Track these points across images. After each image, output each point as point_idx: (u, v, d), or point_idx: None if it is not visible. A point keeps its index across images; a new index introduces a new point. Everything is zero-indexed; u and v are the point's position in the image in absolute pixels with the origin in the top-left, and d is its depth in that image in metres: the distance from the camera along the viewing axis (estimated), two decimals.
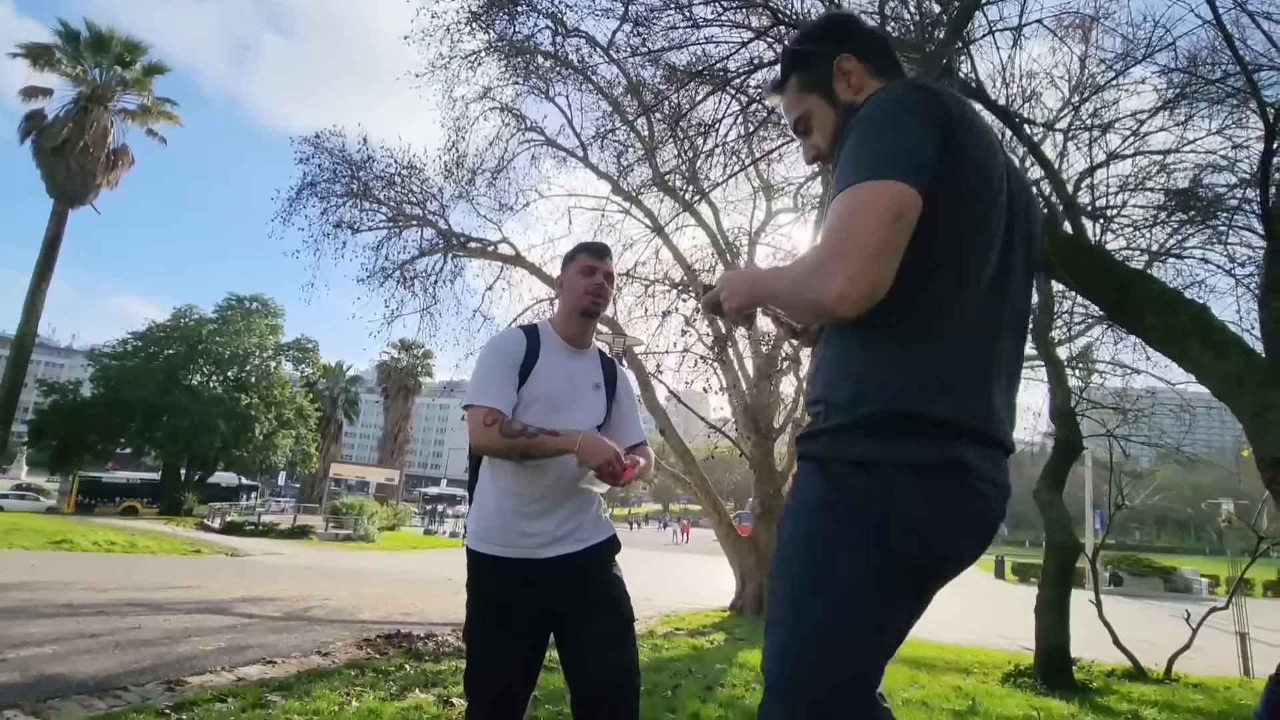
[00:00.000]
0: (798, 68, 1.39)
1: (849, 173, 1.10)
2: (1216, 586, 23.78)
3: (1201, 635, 6.97)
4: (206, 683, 4.29)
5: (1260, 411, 3.49)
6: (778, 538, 1.20)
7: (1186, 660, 6.81)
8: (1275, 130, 4.20)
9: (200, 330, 35.77)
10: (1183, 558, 36.91)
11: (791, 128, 1.43)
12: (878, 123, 1.14)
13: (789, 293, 1.16)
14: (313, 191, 11.57)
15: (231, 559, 16.63)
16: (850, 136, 1.16)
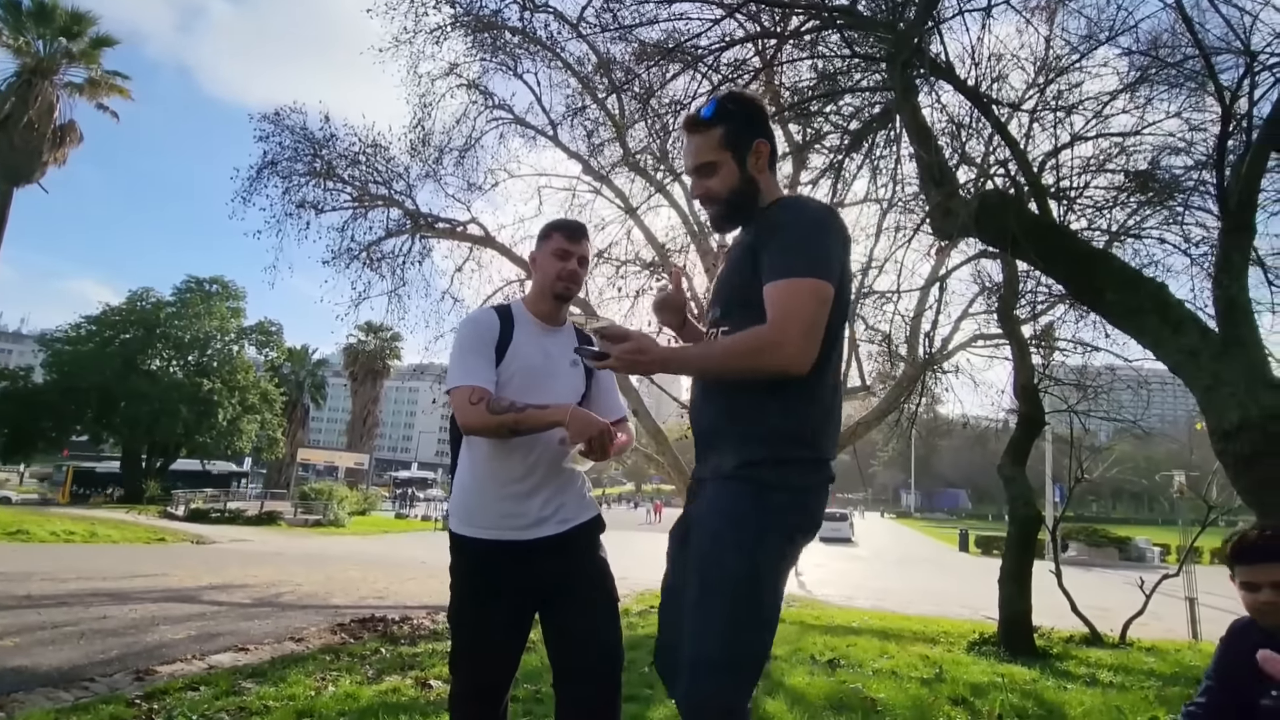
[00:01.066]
0: (726, 123, 1.65)
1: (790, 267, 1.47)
2: (1168, 555, 24.78)
3: (1154, 601, 7.27)
4: (177, 671, 4.23)
5: (1213, 385, 3.61)
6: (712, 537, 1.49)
7: (1140, 625, 7.11)
8: (1232, 113, 4.30)
9: (158, 314, 34.75)
10: (1137, 527, 38.32)
11: (694, 166, 1.67)
12: (809, 233, 1.53)
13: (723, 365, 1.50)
14: (274, 170, 11.24)
15: (197, 546, 16.32)
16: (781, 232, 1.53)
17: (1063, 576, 7.24)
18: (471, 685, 1.97)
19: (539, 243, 2.11)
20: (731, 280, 1.62)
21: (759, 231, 1.58)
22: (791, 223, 1.54)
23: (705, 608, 1.43)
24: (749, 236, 1.64)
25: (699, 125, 1.66)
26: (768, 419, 1.52)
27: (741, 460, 1.51)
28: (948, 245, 8.27)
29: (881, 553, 26.25)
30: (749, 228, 1.67)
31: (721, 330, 1.60)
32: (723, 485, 1.52)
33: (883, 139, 6.79)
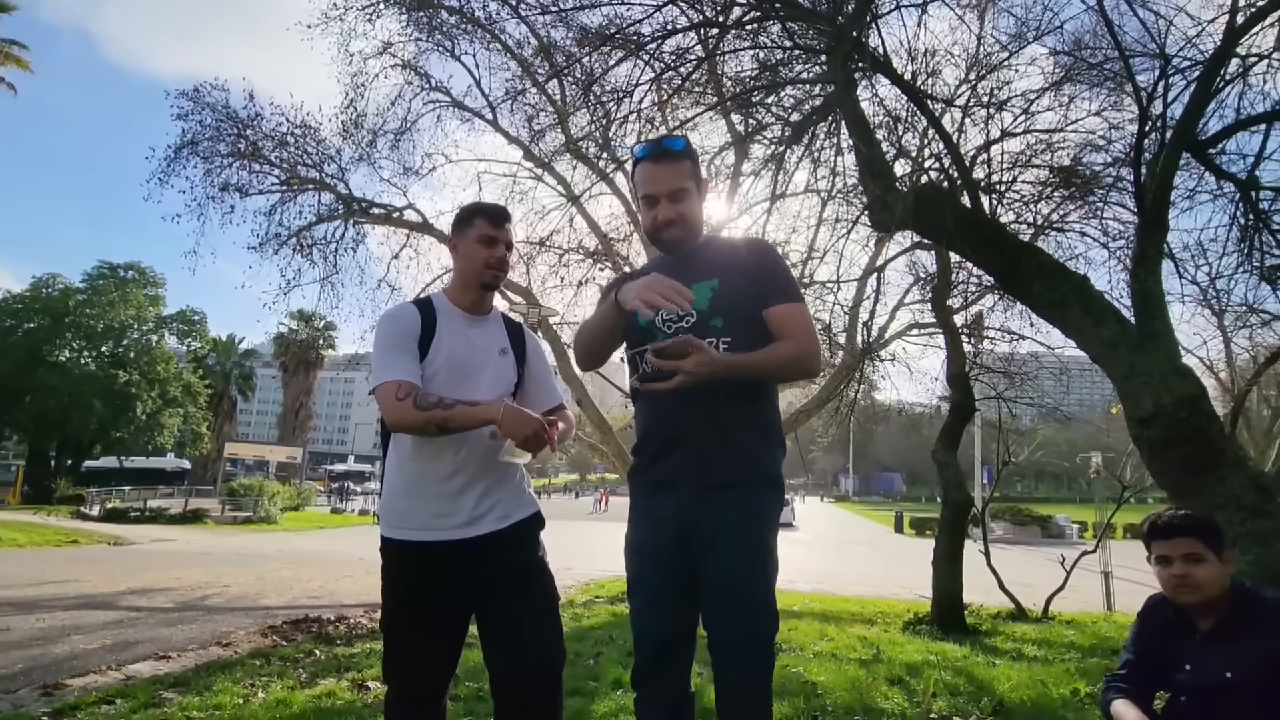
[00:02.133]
0: (692, 159, 1.90)
1: (798, 294, 1.85)
2: (1086, 531, 26.31)
3: (1073, 575, 7.68)
4: (90, 684, 3.97)
5: (1130, 374, 3.80)
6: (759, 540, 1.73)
7: (1061, 600, 7.50)
8: (1148, 114, 4.51)
9: (66, 301, 32.58)
10: (1058, 506, 40.60)
11: (669, 190, 1.83)
12: (789, 269, 1.97)
13: (784, 367, 1.78)
14: (194, 151, 10.64)
15: (115, 548, 15.43)
16: (779, 268, 1.87)
17: (991, 556, 7.57)
18: (406, 690, 1.91)
19: (458, 229, 2.01)
20: (737, 300, 1.79)
21: (755, 267, 1.83)
22: (779, 257, 1.94)
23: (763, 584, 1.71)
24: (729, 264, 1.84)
25: (672, 155, 1.85)
26: (774, 427, 1.85)
27: (762, 466, 1.78)
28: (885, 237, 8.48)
29: (822, 537, 26.97)
30: (692, 257, 1.87)
31: (724, 340, 1.76)
32: (749, 492, 1.74)
33: (823, 131, 6.88)
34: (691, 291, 1.68)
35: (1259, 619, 1.84)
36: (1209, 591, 1.88)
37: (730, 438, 1.75)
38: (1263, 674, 1.76)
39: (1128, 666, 2.10)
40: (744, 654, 1.68)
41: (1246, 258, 5.22)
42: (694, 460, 1.74)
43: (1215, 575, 1.88)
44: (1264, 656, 1.78)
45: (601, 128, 8.74)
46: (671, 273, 1.75)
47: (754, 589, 1.69)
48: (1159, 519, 1.99)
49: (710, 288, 1.79)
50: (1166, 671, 1.98)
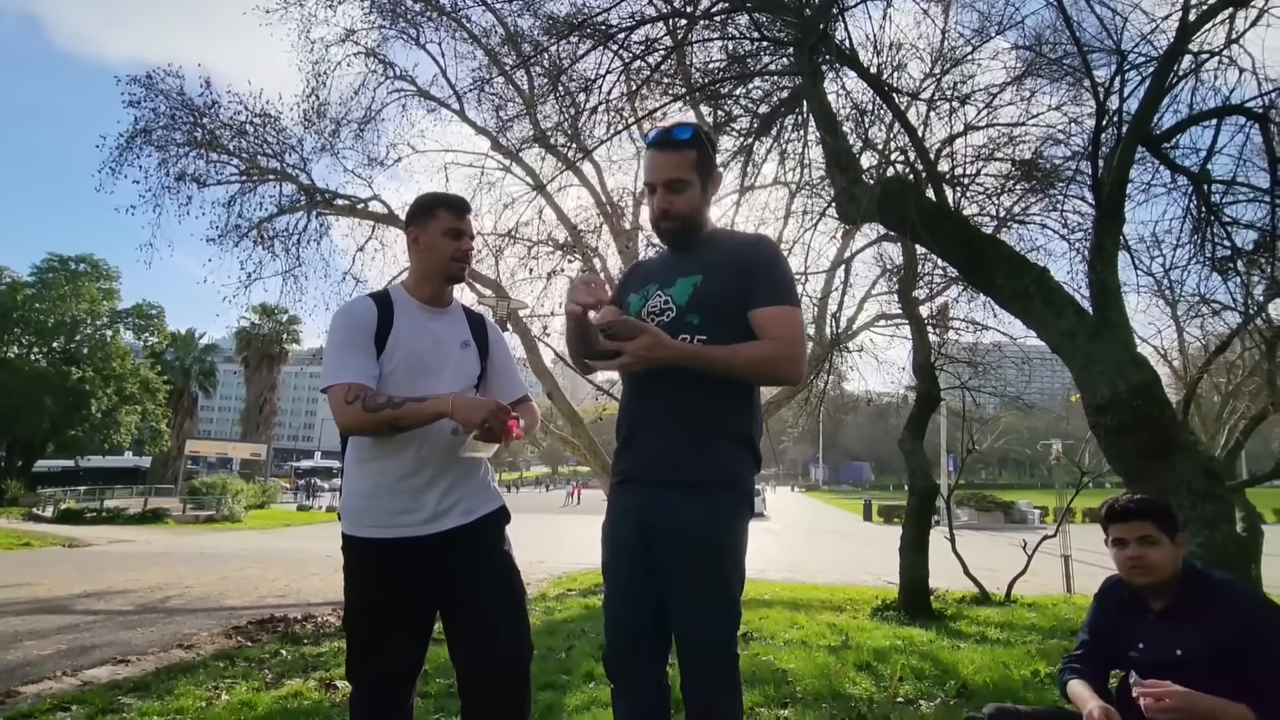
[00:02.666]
0: (699, 149, 1.81)
1: (786, 297, 1.76)
2: (1046, 515, 27.05)
3: (1034, 560, 7.89)
4: (45, 690, 3.85)
5: (1087, 363, 3.89)
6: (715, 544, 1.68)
7: (1022, 583, 7.71)
8: (1105, 108, 4.62)
9: (14, 295, 31.37)
10: (1020, 492, 41.66)
11: (665, 180, 1.79)
12: (788, 270, 1.86)
13: (752, 367, 1.71)
14: (147, 139, 10.28)
15: (70, 550, 14.97)
16: (772, 266, 1.79)
17: (956, 542, 7.73)
18: (370, 689, 1.89)
19: (418, 220, 1.95)
20: (716, 297, 1.75)
21: (742, 267, 1.76)
22: (776, 257, 1.84)
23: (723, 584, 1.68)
24: (719, 260, 1.78)
25: (674, 144, 1.79)
26: (743, 429, 1.76)
27: (724, 466, 1.72)
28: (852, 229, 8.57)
29: (792, 525, 27.32)
30: (690, 251, 1.83)
31: (699, 337, 1.73)
32: (707, 493, 1.70)
33: (791, 123, 6.91)
34: (675, 287, 1.76)
35: (1209, 600, 1.91)
36: (1161, 573, 1.95)
37: (691, 435, 1.70)
38: (1210, 653, 1.83)
39: (1084, 647, 2.17)
40: (701, 658, 1.67)
41: (1199, 249, 5.38)
42: (652, 455, 1.74)
43: (1167, 557, 1.95)
44: (1212, 637, 1.85)
45: (570, 118, 8.68)
46: (667, 265, 1.84)
47: (706, 595, 1.66)
48: (1116, 503, 2.05)
49: (692, 283, 1.77)
50: (1121, 650, 2.06)
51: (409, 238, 1.98)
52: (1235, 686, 1.73)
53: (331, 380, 1.80)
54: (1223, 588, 1.95)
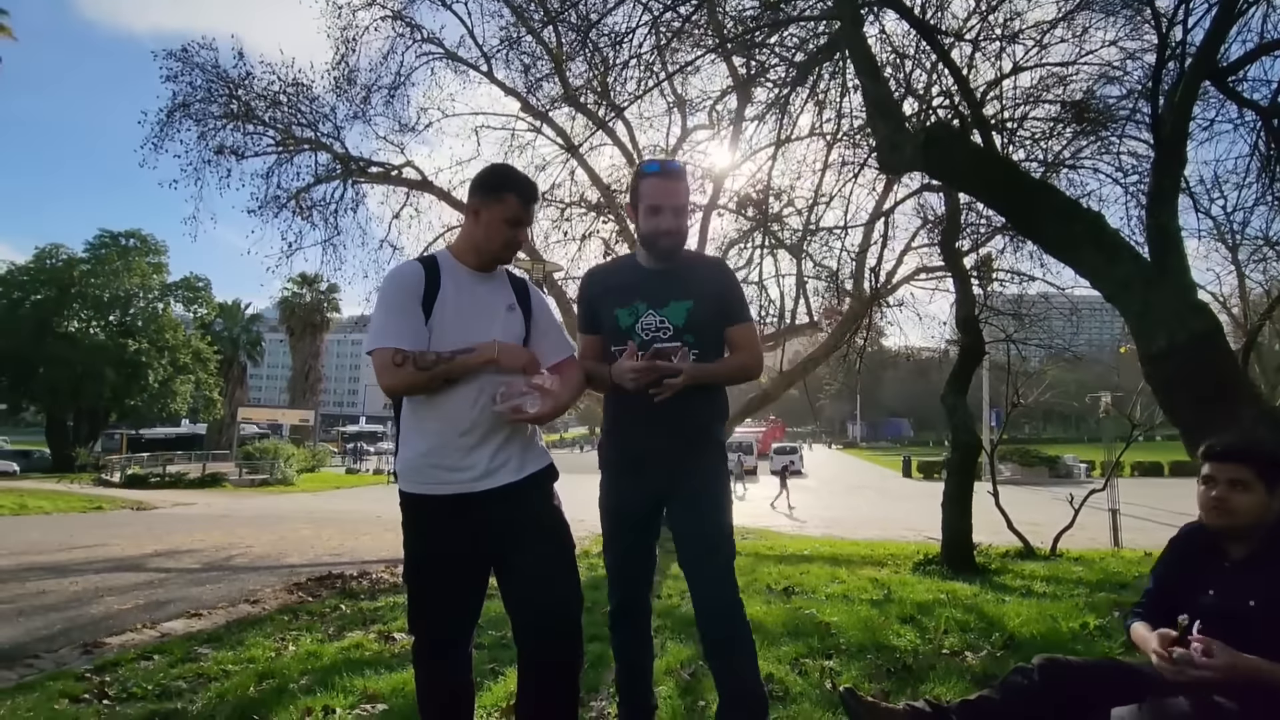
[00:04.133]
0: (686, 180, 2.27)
1: (745, 315, 2.27)
2: (1093, 470, 26.52)
3: (1081, 514, 7.77)
4: (128, 642, 4.11)
5: (1144, 311, 3.75)
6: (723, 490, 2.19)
7: (1069, 538, 7.61)
8: (1167, 41, 4.36)
9: (71, 271, 32.61)
10: (1065, 446, 40.76)
11: (676, 206, 2.13)
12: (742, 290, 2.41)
13: (738, 375, 2.32)
14: (186, 114, 10.45)
15: (138, 513, 15.80)
16: (737, 288, 2.30)
17: (999, 497, 7.65)
18: (431, 641, 1.97)
19: (487, 196, 1.94)
20: (705, 321, 2.15)
21: (722, 294, 2.19)
22: (737, 280, 2.37)
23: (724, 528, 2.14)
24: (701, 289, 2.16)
25: (679, 174, 2.20)
26: (723, 405, 2.29)
27: (715, 434, 2.21)
28: (894, 179, 8.32)
29: (830, 482, 27.32)
30: (671, 270, 2.18)
31: (694, 352, 2.11)
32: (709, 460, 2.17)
33: (828, 71, 6.69)
34: (668, 309, 2.13)
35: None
36: (1241, 520, 1.84)
37: (692, 421, 2.12)
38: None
39: (1148, 595, 2.09)
40: (720, 587, 2.08)
41: (1267, 188, 5.11)
42: (665, 438, 2.10)
43: (1255, 505, 1.83)
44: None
45: (600, 75, 8.53)
46: (650, 285, 2.15)
47: (720, 535, 2.12)
48: (1223, 439, 1.95)
49: (686, 308, 2.13)
50: (1191, 597, 1.93)
51: (470, 207, 1.98)
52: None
53: (376, 344, 1.84)
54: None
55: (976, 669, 3.00)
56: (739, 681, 2.03)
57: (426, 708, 1.99)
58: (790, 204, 9.55)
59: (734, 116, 8.66)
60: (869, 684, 2.84)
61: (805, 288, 10.57)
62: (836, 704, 2.62)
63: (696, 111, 10.02)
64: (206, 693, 3.00)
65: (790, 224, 9.78)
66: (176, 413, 36.84)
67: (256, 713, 2.71)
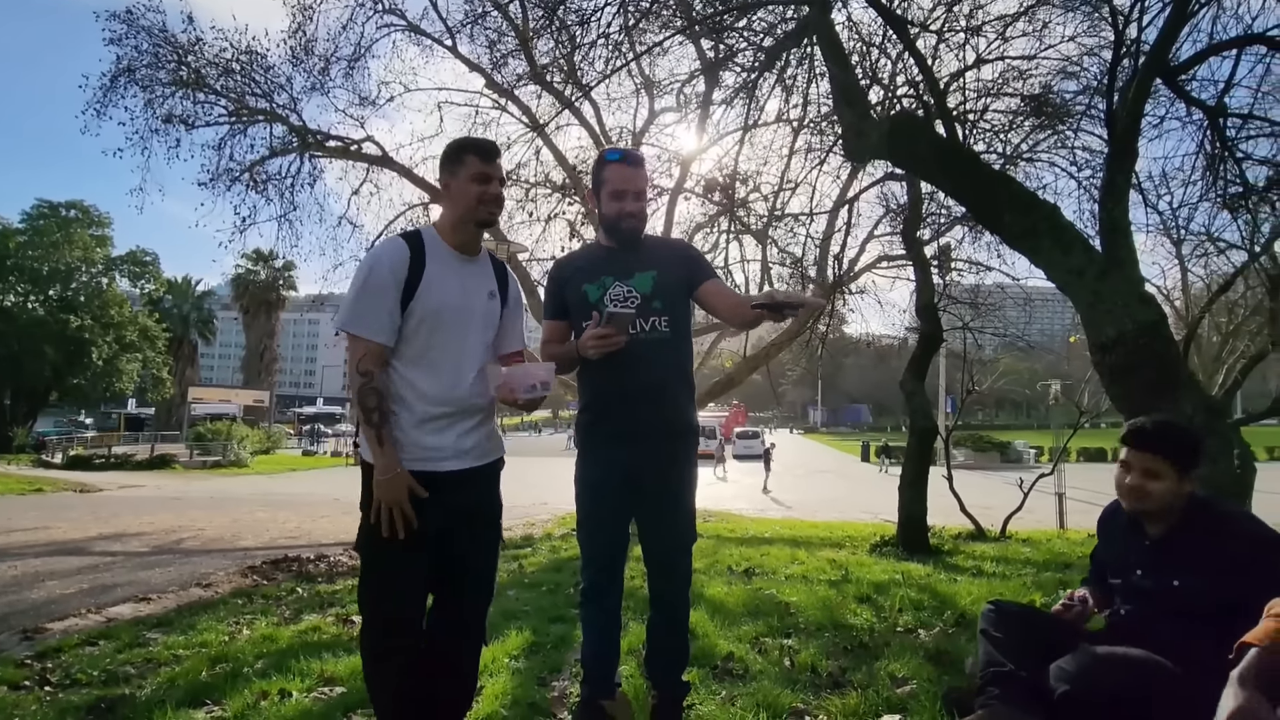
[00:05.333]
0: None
1: (713, 270, 2.36)
2: (1042, 455, 27.48)
3: (1030, 497, 8.05)
4: (71, 627, 3.97)
5: (1094, 302, 3.87)
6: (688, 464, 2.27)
7: (1018, 520, 7.88)
8: (1123, 38, 4.47)
9: (6, 243, 31.07)
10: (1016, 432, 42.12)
11: (638, 191, 2.22)
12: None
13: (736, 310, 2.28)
14: (131, 79, 9.96)
15: (81, 495, 15.24)
16: (695, 251, 2.47)
17: (953, 480, 7.87)
18: (383, 616, 1.91)
19: (449, 166, 1.95)
20: (672, 285, 2.22)
21: (684, 260, 2.30)
22: (700, 252, 2.56)
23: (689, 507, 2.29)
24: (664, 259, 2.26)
25: (641, 162, 2.28)
26: (693, 386, 2.34)
27: (688, 416, 2.29)
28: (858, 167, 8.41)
29: (791, 467, 27.74)
30: (634, 250, 2.24)
31: (664, 318, 2.19)
32: (685, 442, 2.26)
33: (796, 57, 6.70)
34: (634, 279, 2.18)
35: (1211, 532, 1.91)
36: (1154, 504, 1.95)
37: (667, 398, 2.20)
38: (1209, 586, 1.85)
39: (1091, 574, 2.23)
40: (679, 564, 2.28)
41: (1210, 186, 5.30)
42: (640, 415, 2.15)
43: (1168, 492, 1.93)
44: (1212, 570, 1.86)
45: (566, 53, 8.40)
46: (614, 261, 2.21)
47: (685, 514, 2.26)
48: (1141, 425, 2.01)
49: (651, 277, 2.19)
50: (1122, 576, 2.08)
51: (441, 185, 1.99)
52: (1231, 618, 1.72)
53: (353, 327, 1.83)
54: (1226, 520, 1.94)
55: (930, 646, 3.09)
56: (676, 638, 2.29)
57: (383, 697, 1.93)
58: (756, 189, 9.58)
59: (702, 100, 8.63)
60: (827, 661, 2.90)
61: (770, 274, 10.66)
62: (794, 680, 2.69)
63: (664, 94, 9.96)
64: (156, 678, 2.92)
65: (756, 209, 9.82)
66: (122, 392, 35.48)
67: (209, 697, 2.65)
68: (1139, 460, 1.97)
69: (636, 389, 2.15)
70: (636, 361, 2.12)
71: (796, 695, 2.52)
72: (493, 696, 2.52)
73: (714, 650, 3.06)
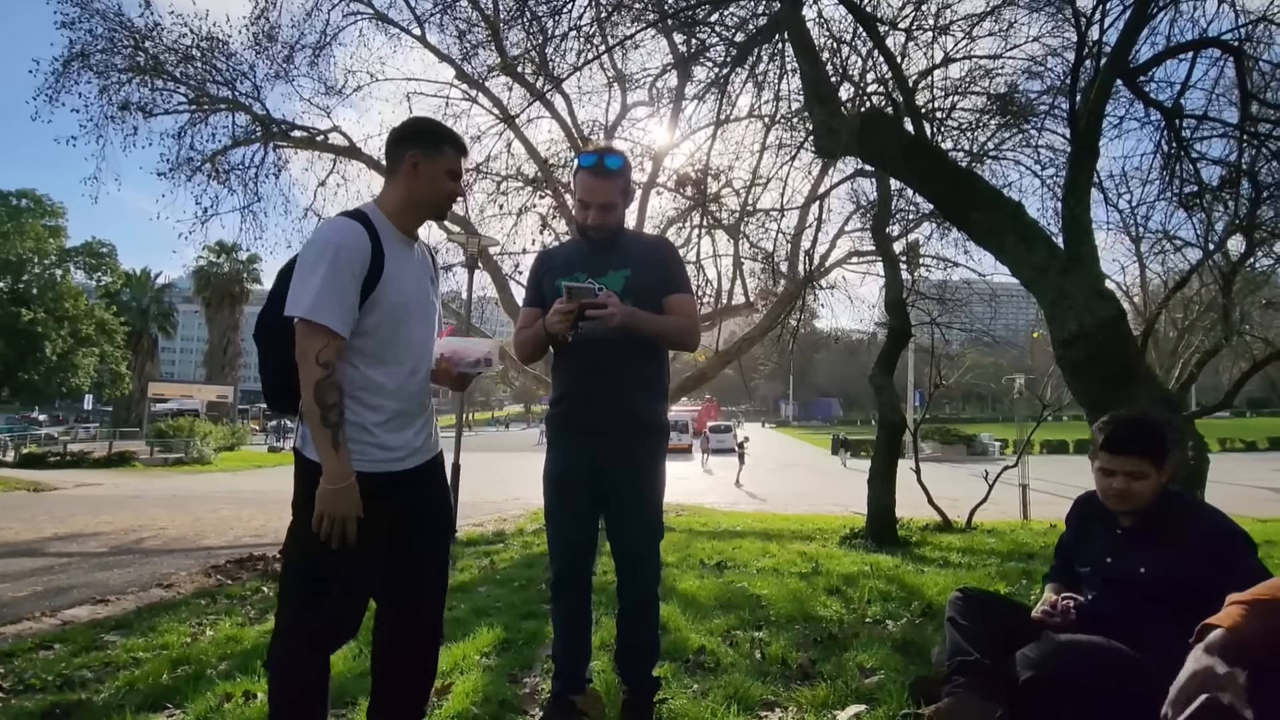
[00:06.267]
0: (625, 178, 2.24)
1: (689, 286, 2.36)
2: (1006, 448, 28.10)
3: (994, 489, 8.22)
4: (24, 631, 3.84)
5: (1057, 298, 3.96)
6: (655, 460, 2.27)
7: (983, 511, 8.04)
8: (1086, 39, 4.56)
9: None
10: (982, 425, 43.04)
11: (601, 203, 2.19)
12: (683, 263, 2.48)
13: (675, 336, 2.27)
14: (85, 64, 9.63)
15: (35, 494, 14.77)
16: (677, 262, 2.36)
17: (921, 473, 8.00)
18: (329, 624, 1.77)
19: (425, 147, 1.83)
20: (644, 286, 2.21)
21: (659, 263, 2.27)
22: (679, 255, 2.48)
23: (657, 503, 2.28)
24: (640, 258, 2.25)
25: (608, 173, 2.18)
26: (664, 385, 2.35)
27: (657, 415, 2.28)
28: (829, 163, 8.48)
29: (763, 460, 27.97)
30: (610, 250, 2.25)
31: None
32: (652, 439, 2.26)
33: (767, 53, 6.73)
34: (607, 278, 2.19)
35: (1181, 523, 1.95)
36: (1143, 503, 1.97)
37: (635, 394, 2.21)
38: (1172, 573, 1.91)
39: (1054, 572, 2.28)
40: (646, 559, 2.25)
41: (1167, 185, 5.45)
42: (608, 410, 2.17)
43: (1152, 488, 1.95)
44: (1177, 558, 1.91)
45: (538, 45, 8.32)
46: (591, 259, 2.23)
47: (652, 509, 2.25)
48: (1117, 430, 1.99)
49: (624, 275, 2.21)
50: (1091, 563, 2.12)
51: (409, 161, 1.83)
52: (1192, 605, 1.72)
53: (317, 316, 1.66)
54: (1195, 512, 1.99)
55: (897, 636, 3.13)
56: (645, 634, 2.29)
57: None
58: (728, 185, 9.62)
59: (674, 95, 8.63)
60: (797, 653, 2.93)
61: (741, 269, 10.73)
62: (765, 673, 2.71)
63: (637, 88, 9.94)
64: (114, 681, 2.84)
65: (728, 205, 9.86)
66: (78, 388, 34.43)
67: (170, 700, 2.58)
68: (1121, 465, 1.97)
69: (605, 385, 2.17)
70: (605, 358, 2.15)
71: (767, 687, 2.54)
72: (463, 694, 2.49)
73: (685, 644, 3.07)
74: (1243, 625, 1.39)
